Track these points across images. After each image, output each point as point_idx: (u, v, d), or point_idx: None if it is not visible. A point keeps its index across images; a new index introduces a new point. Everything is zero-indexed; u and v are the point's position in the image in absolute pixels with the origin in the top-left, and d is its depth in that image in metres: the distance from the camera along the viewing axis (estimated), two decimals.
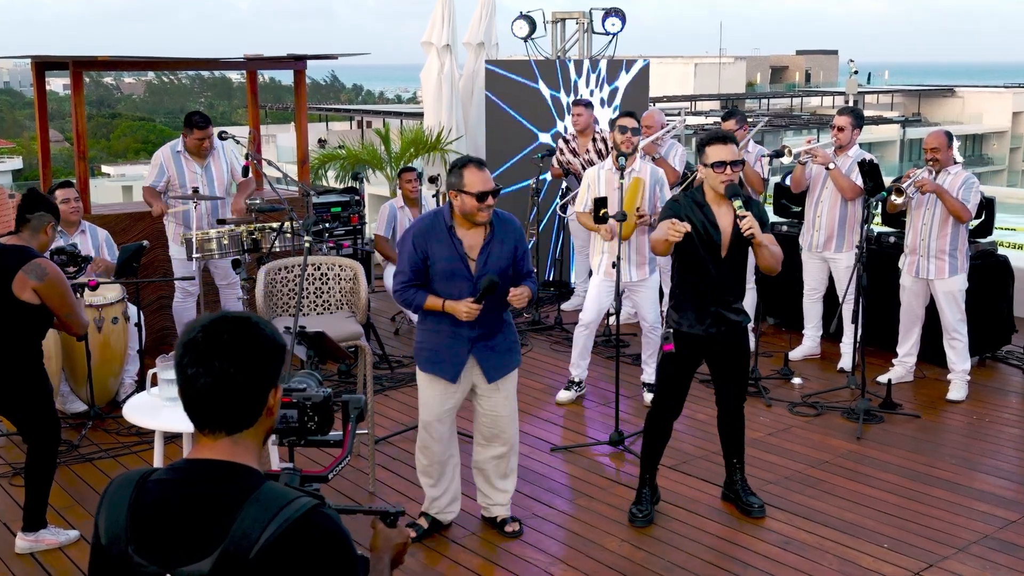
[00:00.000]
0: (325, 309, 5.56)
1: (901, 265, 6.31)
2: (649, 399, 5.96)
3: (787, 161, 6.63)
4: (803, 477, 5.12)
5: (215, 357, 1.74)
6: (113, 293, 5.98)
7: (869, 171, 6.07)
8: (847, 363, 6.63)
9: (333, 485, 4.85)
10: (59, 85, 46.48)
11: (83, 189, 6.88)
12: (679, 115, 10.93)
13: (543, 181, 8.55)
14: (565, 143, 7.89)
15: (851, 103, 37.81)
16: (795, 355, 6.93)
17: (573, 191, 7.71)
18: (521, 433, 5.68)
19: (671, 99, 41.34)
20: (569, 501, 4.90)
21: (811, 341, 7.01)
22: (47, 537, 4.37)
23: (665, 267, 6.21)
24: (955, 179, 5.99)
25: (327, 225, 6.93)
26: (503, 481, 4.53)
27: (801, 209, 6.97)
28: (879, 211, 6.68)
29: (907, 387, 6.41)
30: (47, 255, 4.46)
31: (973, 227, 6.40)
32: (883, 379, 6.25)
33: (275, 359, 1.80)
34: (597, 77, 9.10)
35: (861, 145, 6.68)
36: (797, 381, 6.54)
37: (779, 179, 7.87)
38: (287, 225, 6.16)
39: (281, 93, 61.05)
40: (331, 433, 2.19)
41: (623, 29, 9.51)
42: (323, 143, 28.65)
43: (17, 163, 40.14)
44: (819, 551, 4.35)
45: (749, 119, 7.36)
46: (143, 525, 1.73)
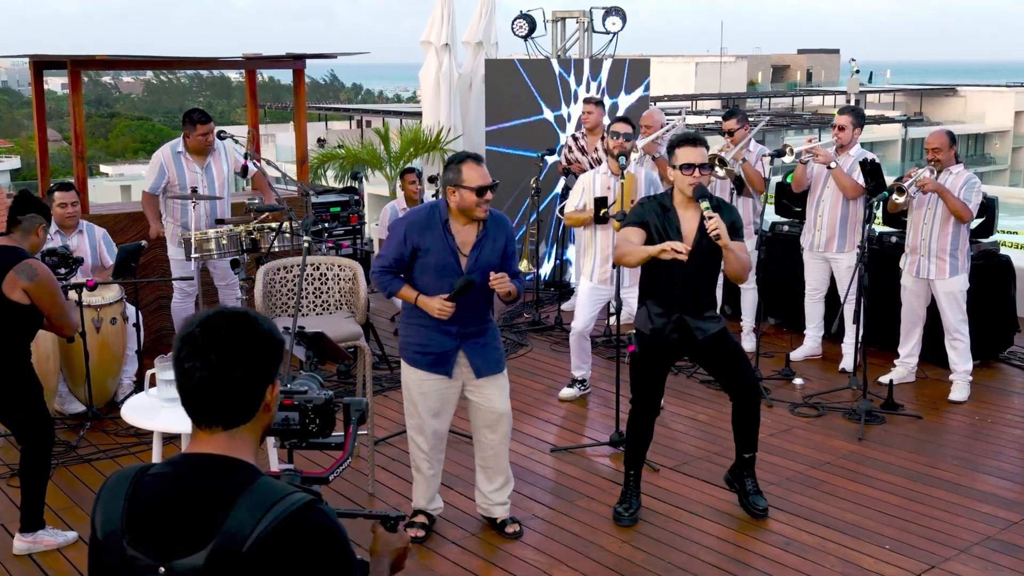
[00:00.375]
0: (324, 309, 5.54)
1: (902, 265, 6.30)
2: None
3: (788, 160, 6.61)
4: (804, 478, 5.11)
5: (212, 351, 1.75)
6: (111, 293, 5.96)
7: (871, 171, 6.05)
8: (848, 364, 6.60)
9: (332, 486, 4.82)
10: (57, 84, 46.49)
11: (81, 189, 6.85)
12: (680, 114, 10.90)
13: (545, 179, 8.53)
14: (574, 140, 7.89)
15: (853, 102, 37.76)
16: (796, 355, 6.91)
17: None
18: (521, 434, 5.68)
19: (672, 98, 41.34)
20: (569, 502, 4.88)
21: (812, 341, 6.99)
22: (45, 538, 4.36)
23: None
24: (957, 179, 5.97)
25: (326, 225, 6.91)
26: (503, 481, 4.52)
27: (802, 209, 6.95)
28: (880, 211, 6.67)
29: (909, 388, 6.39)
30: (38, 256, 4.44)
31: (974, 227, 6.38)
32: (885, 380, 6.23)
33: (273, 354, 1.80)
34: (598, 87, 9.05)
35: (863, 144, 6.67)
36: (798, 382, 6.52)
37: (780, 178, 7.85)
38: (286, 225, 6.13)
39: (280, 92, 61.03)
40: (332, 435, 2.18)
41: (623, 28, 9.49)
42: (322, 142, 28.66)
43: (15, 163, 40.09)
44: (820, 552, 4.33)
45: (750, 118, 7.34)
46: (139, 518, 1.73)
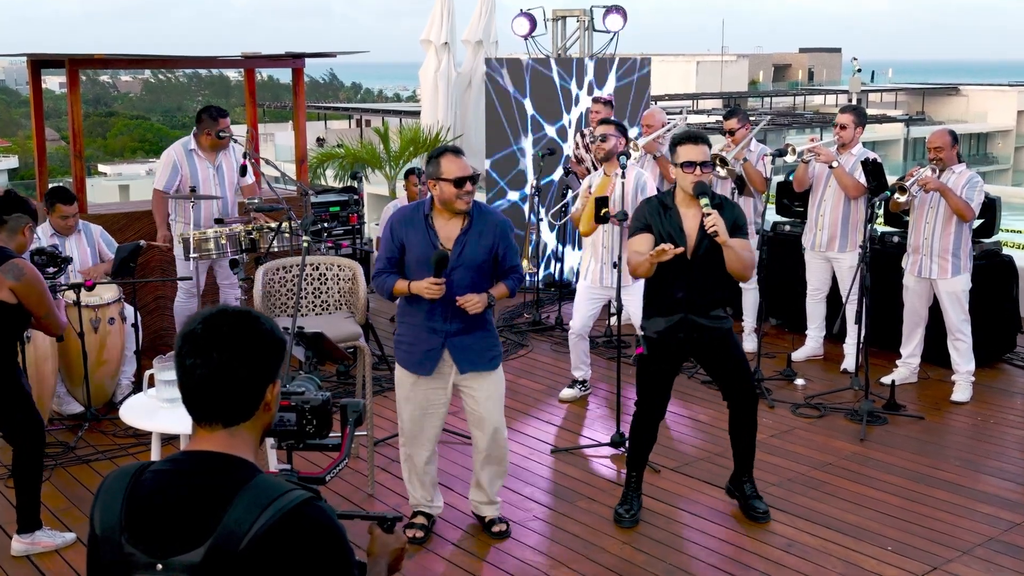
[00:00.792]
0: (324, 309, 5.52)
1: (904, 265, 6.27)
2: None
3: (790, 160, 6.58)
4: (806, 479, 5.08)
5: (214, 349, 1.76)
6: (109, 293, 5.93)
7: (872, 170, 6.03)
8: (850, 364, 6.58)
9: (332, 487, 4.80)
10: (55, 83, 46.48)
11: (79, 188, 6.84)
12: (681, 113, 10.89)
13: (551, 179, 8.52)
14: (582, 137, 7.88)
15: (854, 101, 37.75)
16: (798, 356, 6.88)
17: (574, 191, 7.67)
18: (521, 435, 5.66)
19: (673, 97, 41.31)
20: (569, 503, 4.85)
21: (814, 342, 6.96)
22: (43, 539, 4.34)
23: None
24: (959, 178, 5.95)
25: (325, 225, 6.89)
26: (493, 481, 4.50)
27: (804, 208, 6.93)
28: (882, 211, 6.64)
29: (911, 388, 6.37)
30: (26, 256, 4.43)
31: (975, 227, 6.35)
32: (887, 380, 6.21)
33: (274, 353, 1.82)
34: (590, 86, 9.03)
35: (865, 144, 6.65)
36: (800, 382, 6.49)
37: (782, 178, 7.83)
38: (285, 225, 6.11)
39: (279, 91, 60.97)
40: (330, 437, 2.19)
41: (624, 26, 9.46)
42: (321, 142, 28.63)
43: (13, 162, 40.01)
44: (822, 554, 4.31)
45: (751, 117, 7.34)
46: (137, 515, 1.74)
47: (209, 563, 1.66)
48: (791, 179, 6.98)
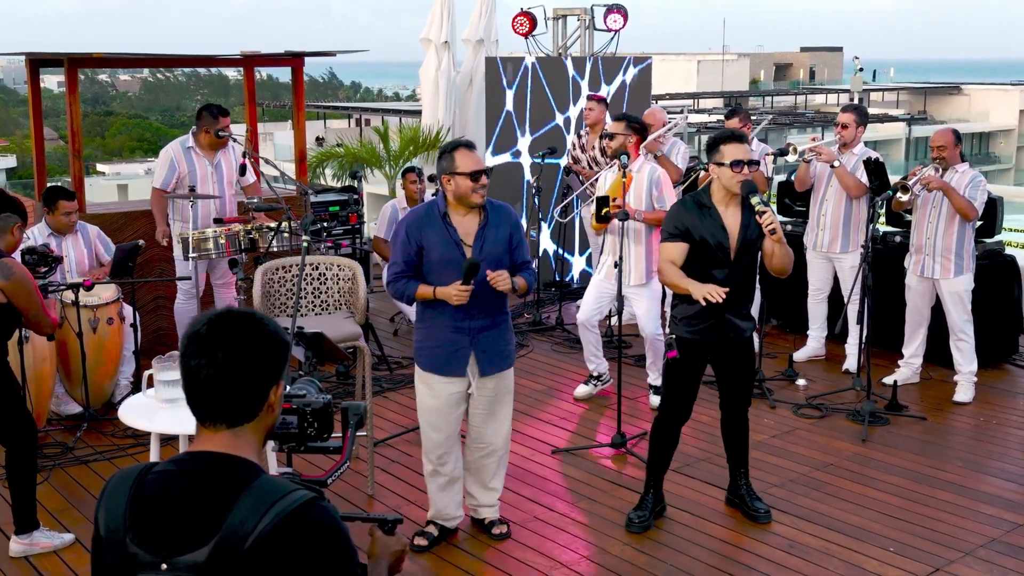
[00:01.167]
0: (323, 309, 5.50)
1: (907, 265, 6.25)
2: (655, 402, 5.90)
3: (791, 159, 6.56)
4: (808, 480, 5.07)
5: (219, 349, 1.77)
6: (108, 293, 5.91)
7: (874, 169, 6.01)
8: (852, 364, 6.56)
9: (331, 489, 4.73)
10: (53, 82, 46.43)
11: (78, 187, 6.81)
12: (682, 112, 10.87)
13: (546, 178, 8.48)
14: (578, 137, 7.86)
15: (856, 101, 37.75)
16: (799, 356, 6.86)
17: (575, 191, 7.65)
18: (522, 435, 5.64)
19: (674, 96, 41.29)
20: (571, 504, 4.84)
21: (816, 342, 6.95)
22: (41, 540, 4.32)
23: None
24: (962, 177, 5.93)
25: (325, 224, 6.86)
26: (492, 482, 4.47)
27: (805, 208, 6.91)
28: (884, 210, 6.62)
29: (913, 389, 6.35)
30: (17, 255, 4.41)
31: (976, 227, 6.33)
32: (889, 380, 6.19)
33: (278, 355, 1.84)
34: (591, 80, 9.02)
35: (866, 143, 6.63)
36: (801, 383, 6.47)
37: (783, 178, 7.80)
38: (285, 224, 6.09)
39: (278, 91, 60.94)
40: (331, 439, 2.19)
41: (625, 25, 9.44)
42: (321, 141, 28.62)
43: (11, 161, 40.02)
44: (824, 555, 4.29)
45: (753, 117, 7.32)
46: (141, 515, 1.75)
47: (213, 563, 1.67)
48: (792, 179, 6.96)
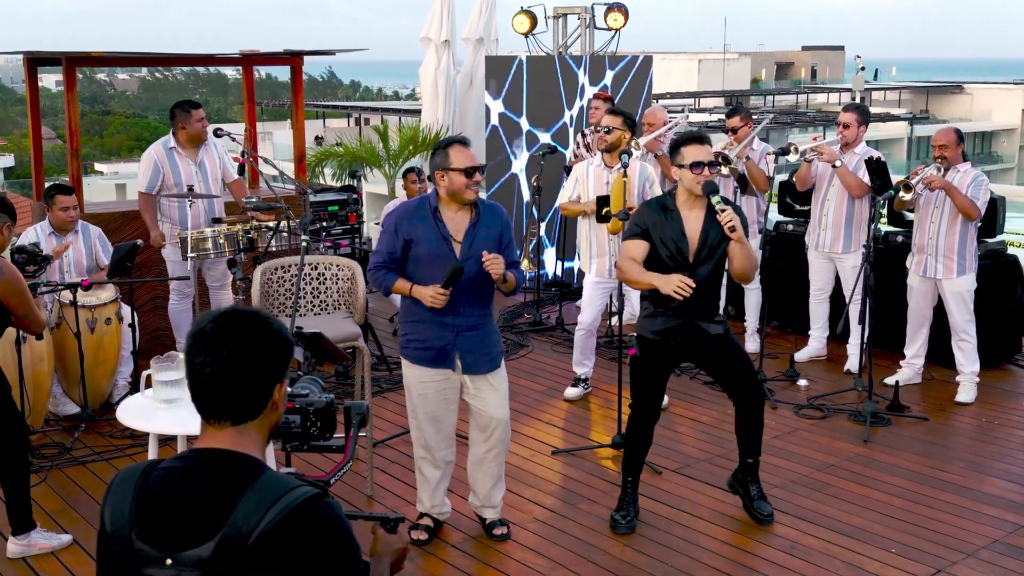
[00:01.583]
0: (322, 309, 5.48)
1: (909, 265, 6.23)
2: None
3: (793, 159, 6.53)
4: (809, 481, 5.05)
5: (223, 347, 1.79)
6: (106, 293, 5.89)
7: (876, 169, 5.98)
8: (854, 365, 6.53)
9: (331, 489, 4.74)
10: (51, 82, 46.41)
11: (76, 187, 6.79)
12: (682, 112, 10.84)
13: (547, 178, 8.45)
14: (582, 136, 7.84)
15: (858, 100, 37.74)
16: (801, 356, 6.84)
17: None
18: (522, 435, 5.62)
19: (675, 96, 41.28)
20: (571, 505, 4.82)
21: (817, 342, 6.92)
22: (39, 541, 4.30)
23: None
24: (964, 176, 5.91)
25: (324, 224, 6.85)
26: (495, 483, 4.46)
27: (807, 208, 6.88)
28: (886, 210, 6.60)
29: (915, 389, 6.33)
30: (6, 254, 4.39)
31: (978, 227, 6.31)
32: (890, 381, 6.17)
33: (282, 353, 1.87)
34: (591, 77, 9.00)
35: (868, 142, 6.60)
36: (803, 383, 6.45)
37: (785, 177, 7.78)
38: (284, 224, 6.06)
39: (277, 90, 60.89)
40: (333, 439, 2.22)
41: (626, 24, 9.42)
42: (320, 140, 28.58)
43: (9, 160, 39.95)
44: (825, 556, 4.28)
45: (754, 116, 7.27)
46: (147, 511, 1.77)
47: (218, 558, 1.69)
48: (794, 178, 6.93)
